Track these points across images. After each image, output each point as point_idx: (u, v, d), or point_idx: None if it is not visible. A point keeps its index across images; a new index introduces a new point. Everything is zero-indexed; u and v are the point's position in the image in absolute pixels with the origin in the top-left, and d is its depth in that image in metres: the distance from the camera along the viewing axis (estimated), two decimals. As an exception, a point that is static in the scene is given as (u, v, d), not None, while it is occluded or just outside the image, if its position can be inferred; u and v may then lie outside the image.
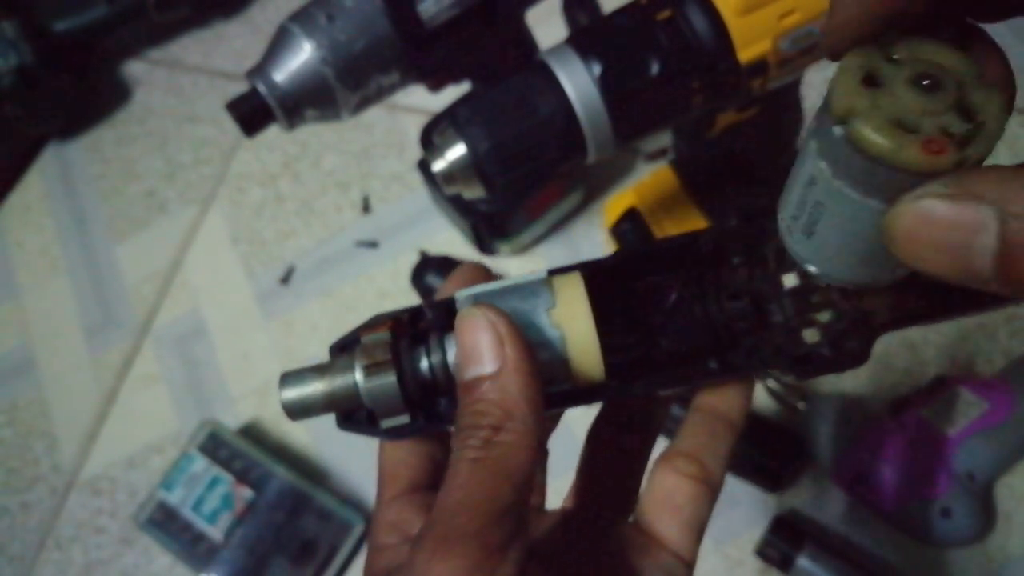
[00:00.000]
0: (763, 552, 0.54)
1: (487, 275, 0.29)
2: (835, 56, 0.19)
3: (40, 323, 0.76)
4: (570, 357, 0.25)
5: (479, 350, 0.23)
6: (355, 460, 0.64)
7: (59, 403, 0.72)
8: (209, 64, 0.85)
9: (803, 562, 0.52)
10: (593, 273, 0.26)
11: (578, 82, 0.36)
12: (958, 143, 0.17)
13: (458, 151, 0.37)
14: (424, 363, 0.25)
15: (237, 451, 0.62)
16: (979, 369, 0.58)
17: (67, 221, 0.80)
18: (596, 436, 0.31)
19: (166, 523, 0.61)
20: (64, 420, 0.71)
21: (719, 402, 0.30)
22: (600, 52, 0.36)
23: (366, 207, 0.74)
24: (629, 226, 0.63)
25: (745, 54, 0.37)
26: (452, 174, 0.38)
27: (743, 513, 0.57)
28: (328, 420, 0.27)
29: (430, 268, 0.66)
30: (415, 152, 0.74)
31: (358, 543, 0.60)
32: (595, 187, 0.70)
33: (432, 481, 0.27)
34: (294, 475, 0.61)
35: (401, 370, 0.25)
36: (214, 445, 0.62)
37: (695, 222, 0.60)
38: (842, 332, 0.26)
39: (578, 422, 0.33)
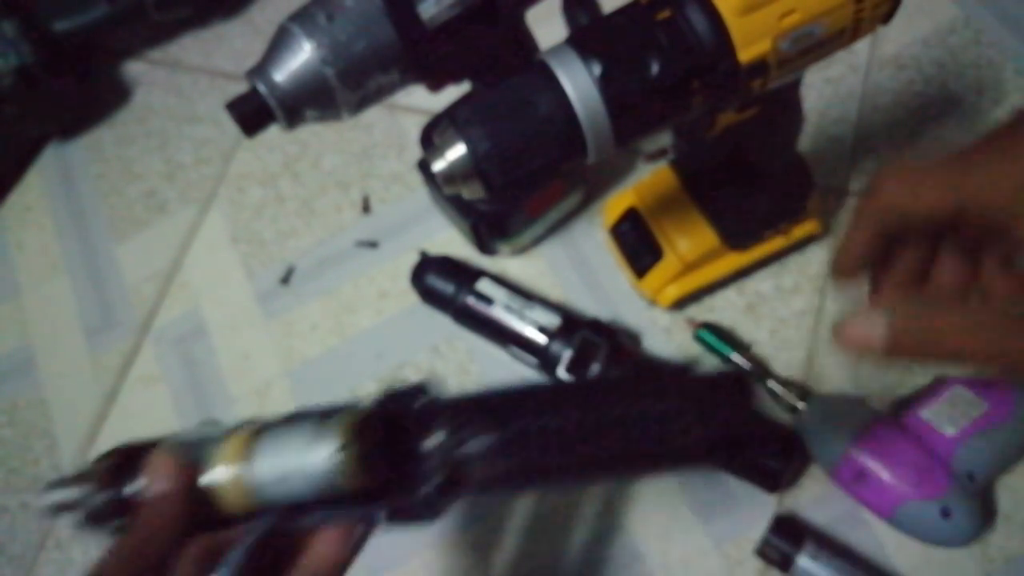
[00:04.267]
0: (763, 552, 0.54)
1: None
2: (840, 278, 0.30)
3: (40, 323, 0.76)
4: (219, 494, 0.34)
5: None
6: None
7: (59, 403, 0.72)
8: (209, 64, 0.85)
9: (803, 562, 0.52)
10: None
11: (578, 82, 0.36)
12: None
13: (458, 151, 0.37)
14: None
15: (237, 451, 0.62)
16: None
17: (67, 221, 0.80)
18: None
19: (166, 523, 0.61)
20: (64, 420, 0.71)
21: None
22: (600, 52, 0.36)
23: (366, 207, 0.74)
24: (629, 226, 0.63)
25: (745, 54, 0.37)
26: (452, 174, 0.38)
27: (743, 513, 0.57)
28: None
29: (430, 268, 0.66)
30: (415, 152, 0.74)
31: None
32: (595, 187, 0.70)
33: None
34: (294, 475, 0.61)
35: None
36: (214, 445, 0.62)
37: (695, 222, 0.60)
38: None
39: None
